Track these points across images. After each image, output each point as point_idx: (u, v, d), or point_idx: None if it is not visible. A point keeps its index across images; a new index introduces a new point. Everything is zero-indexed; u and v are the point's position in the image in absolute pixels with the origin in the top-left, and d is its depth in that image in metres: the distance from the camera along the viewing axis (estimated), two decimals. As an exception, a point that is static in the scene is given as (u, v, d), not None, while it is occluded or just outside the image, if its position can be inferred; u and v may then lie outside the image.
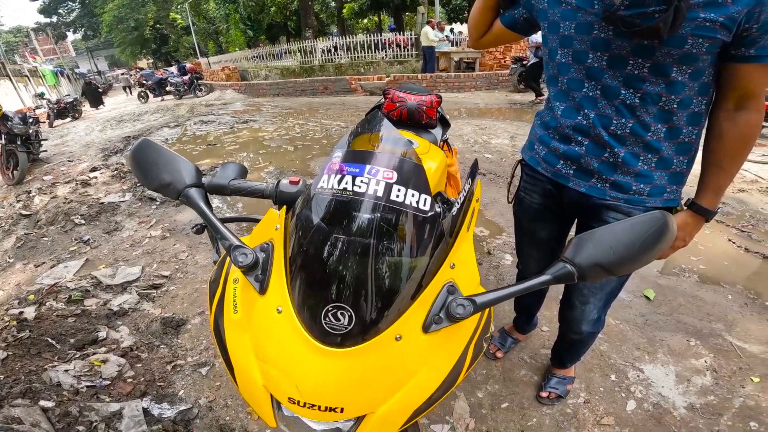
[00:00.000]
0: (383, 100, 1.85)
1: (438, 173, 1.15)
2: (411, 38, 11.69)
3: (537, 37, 9.34)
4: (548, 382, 1.59)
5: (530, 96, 8.08)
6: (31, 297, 2.38)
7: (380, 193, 0.62)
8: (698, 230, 1.00)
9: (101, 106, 14.47)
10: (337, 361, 0.59)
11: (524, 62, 8.75)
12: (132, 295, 2.29)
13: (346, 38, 12.28)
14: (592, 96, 0.95)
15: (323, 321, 0.59)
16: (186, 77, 13.96)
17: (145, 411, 1.56)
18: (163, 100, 13.90)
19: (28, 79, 14.64)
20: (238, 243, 0.66)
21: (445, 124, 1.93)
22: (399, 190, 0.62)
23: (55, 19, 38.42)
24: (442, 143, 1.73)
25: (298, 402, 0.60)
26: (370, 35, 11.93)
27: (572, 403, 1.56)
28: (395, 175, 0.63)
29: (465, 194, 0.75)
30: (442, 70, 10.63)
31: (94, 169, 4.91)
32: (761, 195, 3.49)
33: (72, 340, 1.91)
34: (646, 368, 1.71)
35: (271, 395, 0.64)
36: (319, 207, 0.64)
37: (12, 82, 11.96)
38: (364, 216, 0.61)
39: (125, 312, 2.17)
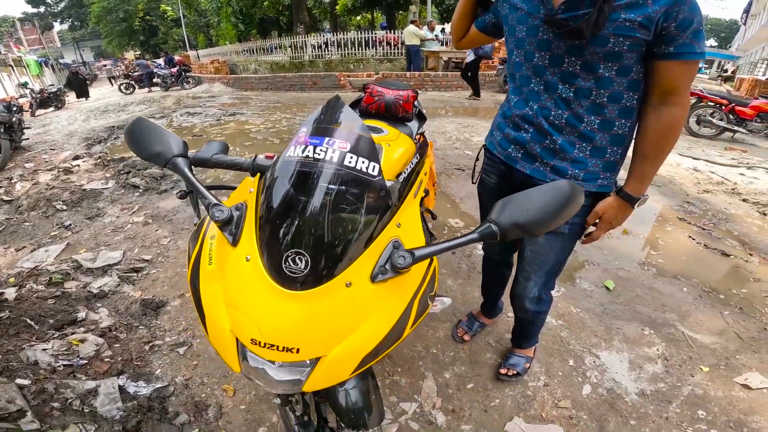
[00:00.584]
0: (363, 94, 1.94)
1: (403, 159, 1.25)
2: (401, 37, 11.77)
3: None
4: (507, 360, 1.69)
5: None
6: (11, 280, 2.39)
7: (335, 159, 0.72)
8: (625, 215, 1.11)
9: (86, 97, 14.15)
10: (294, 303, 0.67)
11: (511, 64, 8.92)
12: (112, 278, 2.33)
13: (337, 35, 12.31)
14: (537, 90, 1.07)
15: (284, 265, 0.68)
16: (174, 69, 13.81)
17: (121, 389, 1.59)
18: (150, 91, 13.72)
19: (12, 68, 14.47)
20: (215, 201, 0.77)
21: (422, 118, 2.04)
22: (351, 158, 0.73)
23: (42, 9, 37.54)
24: (418, 136, 1.81)
25: (260, 342, 0.67)
26: (362, 32, 11.97)
27: (532, 386, 1.65)
28: (349, 145, 0.74)
29: (412, 166, 0.86)
30: (431, 69, 10.74)
31: (76, 158, 4.88)
32: (725, 196, 3.67)
33: (51, 321, 1.94)
34: (602, 355, 1.80)
35: (237, 342, 0.72)
36: (286, 171, 0.75)
37: (-5, 71, 11.71)
38: (321, 178, 0.71)
39: (105, 294, 2.21)
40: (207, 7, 19.71)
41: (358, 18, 25.05)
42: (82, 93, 14.27)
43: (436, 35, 11.30)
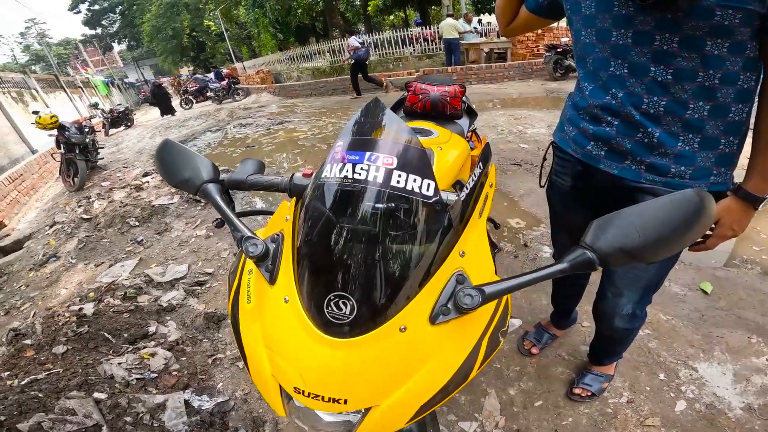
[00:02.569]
0: (406, 93, 1.86)
1: (459, 162, 1.14)
2: (438, 32, 11.55)
3: (353, 40, 9.12)
4: (582, 378, 1.54)
5: (570, 84, 7.74)
6: (91, 294, 2.60)
7: (380, 180, 0.61)
8: (748, 218, 0.92)
9: (171, 113, 13.27)
10: (339, 352, 0.59)
11: (558, 49, 8.43)
12: (179, 292, 2.45)
13: (372, 35, 12.30)
14: (620, 74, 0.90)
15: (326, 310, 0.60)
16: (224, 82, 14.53)
17: (187, 403, 1.65)
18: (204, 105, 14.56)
19: (82, 90, 15.31)
20: (249, 234, 0.69)
21: (472, 114, 1.90)
22: (399, 176, 0.61)
23: (99, 30, 40.44)
24: (470, 133, 1.71)
25: (303, 392, 0.61)
26: (397, 31, 11.88)
27: (613, 403, 1.50)
28: (395, 160, 0.63)
29: (475, 179, 0.72)
30: (473, 61, 10.41)
31: (146, 174, 5.25)
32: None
33: (125, 335, 2.07)
34: (700, 367, 1.61)
35: (281, 386, 0.66)
36: (323, 196, 0.65)
37: (67, 93, 12.79)
38: (364, 203, 0.61)
39: (173, 308, 2.33)
40: (246, 20, 20.54)
41: (391, 17, 24.97)
42: (167, 109, 13.28)
43: (474, 27, 10.93)
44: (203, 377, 1.82)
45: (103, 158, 6.71)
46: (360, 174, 0.62)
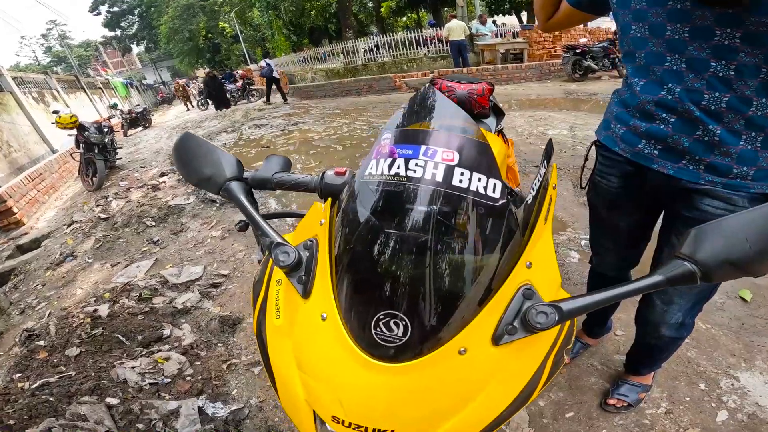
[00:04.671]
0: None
1: (502, 163, 1.07)
2: (444, 33, 11.46)
3: (263, 62, 9.55)
4: (617, 389, 1.46)
5: (589, 85, 7.57)
6: (107, 295, 2.59)
7: (439, 178, 0.53)
8: None
9: (226, 106, 12.50)
10: (388, 378, 0.52)
11: (577, 50, 8.27)
12: (194, 294, 2.42)
13: (386, 37, 12.26)
14: (677, 69, 0.84)
15: (373, 331, 0.51)
16: (239, 84, 14.64)
17: (200, 410, 1.61)
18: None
19: (102, 90, 15.63)
20: (279, 240, 0.60)
21: (499, 113, 1.84)
22: (462, 174, 0.53)
23: (119, 32, 41.17)
24: (497, 134, 1.65)
25: (343, 421, 0.53)
26: (410, 32, 11.82)
27: (651, 413, 1.42)
28: (457, 156, 0.54)
29: (540, 180, 0.63)
30: (488, 62, 10.30)
31: (162, 174, 5.28)
32: None
33: (140, 338, 2.04)
34: (741, 376, 1.53)
35: (315, 412, 0.59)
36: (367, 197, 0.57)
37: (87, 94, 13.06)
38: (420, 206, 0.52)
39: (188, 310, 2.29)
40: (260, 22, 20.73)
41: (404, 19, 24.94)
42: (223, 101, 12.31)
43: (491, 30, 10.79)
44: (217, 383, 1.77)
45: (121, 158, 6.79)
46: (415, 171, 0.54)
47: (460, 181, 0.53)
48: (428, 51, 11.76)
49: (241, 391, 1.73)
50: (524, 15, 20.26)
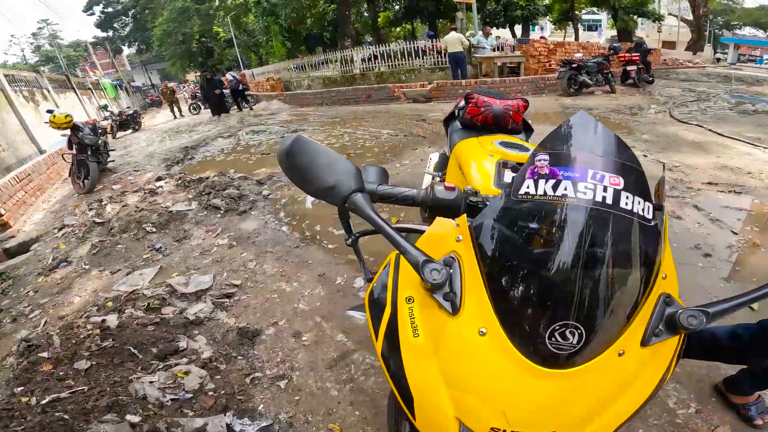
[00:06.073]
0: (463, 104, 1.82)
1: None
2: (443, 45, 11.60)
3: (229, 75, 11.04)
4: (757, 410, 1.45)
5: (584, 100, 7.72)
6: (110, 304, 2.47)
7: (609, 201, 0.57)
8: None
9: (225, 111, 11.66)
10: (557, 383, 0.56)
11: (573, 65, 8.46)
12: (207, 304, 2.32)
13: (384, 46, 12.34)
14: None
15: (548, 341, 0.55)
16: (229, 89, 14.44)
17: (228, 427, 1.53)
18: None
19: (91, 91, 15.24)
20: (425, 257, 0.60)
21: (529, 130, 1.87)
22: (627, 197, 0.58)
23: (111, 33, 40.31)
24: None
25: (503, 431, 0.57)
26: (409, 42, 11.92)
27: (682, 414, 1.48)
28: (622, 180, 0.58)
29: (664, 197, 0.69)
30: (486, 75, 10.44)
31: (159, 179, 5.14)
32: None
33: (154, 350, 1.94)
34: None
35: (461, 429, 0.60)
36: (530, 216, 0.59)
37: (77, 94, 12.73)
38: (590, 225, 0.56)
39: (201, 321, 2.20)
40: (255, 27, 20.69)
41: (398, 29, 25.26)
42: (220, 106, 11.51)
43: (492, 44, 10.95)
44: (242, 398, 1.69)
45: (114, 161, 6.60)
46: (585, 193, 0.57)
47: (626, 204, 0.57)
48: (424, 62, 11.87)
49: (268, 406, 1.65)
50: (518, 29, 20.74)
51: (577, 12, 21.13)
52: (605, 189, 0.57)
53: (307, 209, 3.67)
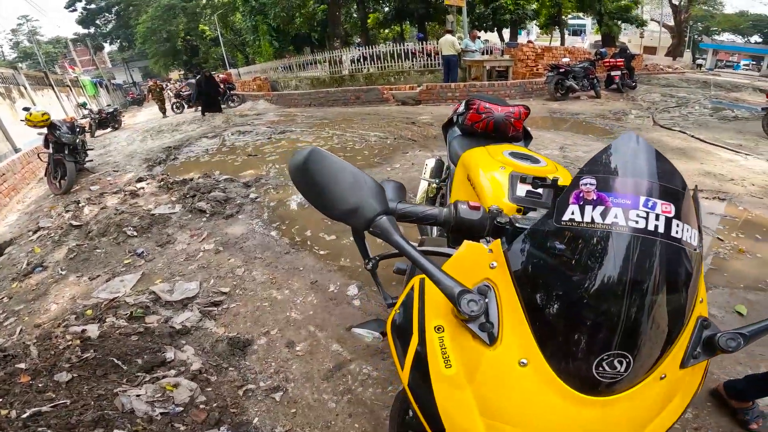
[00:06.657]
0: (462, 109, 1.79)
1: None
2: (437, 47, 11.63)
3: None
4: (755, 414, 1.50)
5: (570, 105, 7.83)
6: (89, 312, 2.35)
7: (661, 229, 0.54)
8: None
9: (218, 110, 11.47)
10: (600, 410, 0.56)
11: (560, 70, 8.57)
12: (194, 313, 2.23)
13: (373, 48, 12.30)
14: None
15: (595, 371, 0.54)
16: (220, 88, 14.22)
17: (222, 442, 1.47)
18: (197, 110, 14.18)
19: (70, 89, 14.80)
20: (462, 287, 0.56)
21: (528, 137, 1.85)
22: (677, 225, 0.56)
23: (92, 30, 39.12)
24: None
25: None
26: (399, 44, 11.91)
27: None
28: (673, 208, 0.56)
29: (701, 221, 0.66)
30: (474, 78, 10.50)
31: (140, 180, 4.96)
32: None
33: (139, 361, 1.84)
34: None
35: None
36: (575, 243, 0.56)
37: (55, 91, 12.30)
38: (639, 253, 0.54)
39: (188, 330, 2.10)
40: (242, 26, 20.38)
41: (387, 31, 25.29)
42: (214, 105, 11.37)
43: (480, 47, 11.03)
44: (235, 411, 1.62)
45: (92, 160, 6.37)
46: (636, 222, 0.54)
47: (677, 232, 0.56)
48: (414, 64, 11.88)
49: (263, 420, 1.59)
50: (506, 33, 20.96)
51: (563, 17, 21.53)
52: (657, 217, 0.54)
53: (296, 213, 3.59)
